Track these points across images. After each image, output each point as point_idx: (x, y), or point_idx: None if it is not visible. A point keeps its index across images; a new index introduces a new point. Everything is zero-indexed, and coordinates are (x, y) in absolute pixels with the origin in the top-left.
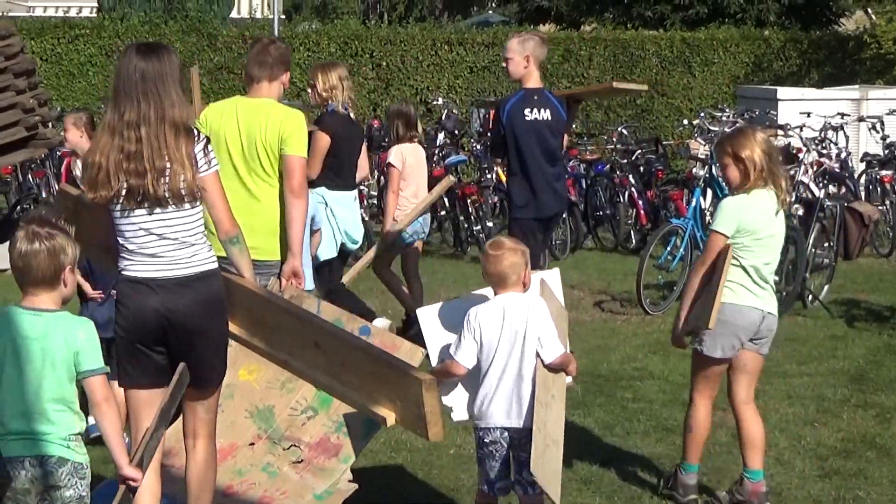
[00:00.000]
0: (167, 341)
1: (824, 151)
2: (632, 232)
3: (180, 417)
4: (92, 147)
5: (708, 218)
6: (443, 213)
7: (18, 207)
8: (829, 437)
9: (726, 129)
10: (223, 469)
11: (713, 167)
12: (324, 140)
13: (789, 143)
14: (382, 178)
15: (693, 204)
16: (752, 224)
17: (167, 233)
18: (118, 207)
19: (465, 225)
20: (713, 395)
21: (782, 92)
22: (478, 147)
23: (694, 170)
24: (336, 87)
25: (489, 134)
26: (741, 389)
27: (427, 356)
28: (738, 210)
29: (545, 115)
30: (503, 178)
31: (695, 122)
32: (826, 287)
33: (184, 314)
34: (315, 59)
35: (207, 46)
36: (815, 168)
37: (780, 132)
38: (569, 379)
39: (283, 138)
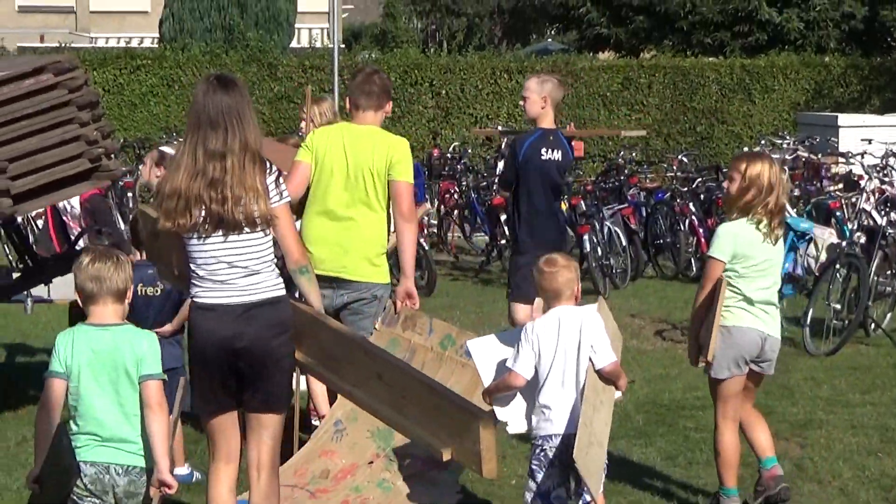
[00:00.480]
0: (237, 366)
1: (886, 178)
2: (692, 260)
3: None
4: (168, 177)
5: None
6: (502, 241)
7: (82, 239)
8: (894, 467)
9: (787, 157)
10: (342, 486)
11: None
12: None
13: (850, 171)
14: (442, 206)
15: None
16: (748, 249)
17: (237, 261)
18: (194, 235)
19: None
20: (736, 416)
21: (843, 118)
22: None
23: None
24: (332, 122)
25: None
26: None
27: None
28: (733, 236)
29: (557, 155)
30: (563, 207)
31: (755, 150)
32: (889, 315)
33: (251, 340)
34: None
35: (268, 76)
36: (876, 195)
37: (842, 159)
38: (618, 393)
39: (391, 164)
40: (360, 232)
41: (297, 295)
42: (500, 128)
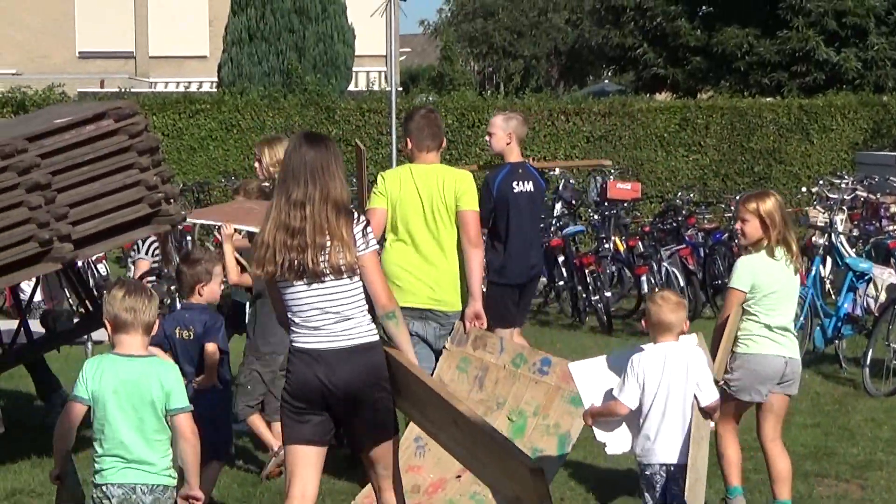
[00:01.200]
0: (329, 407)
1: None
2: None
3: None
4: (262, 227)
5: (828, 286)
6: (561, 283)
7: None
8: None
9: (846, 197)
10: (436, 500)
11: (833, 235)
12: None
13: None
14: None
15: (813, 272)
16: (767, 280)
17: (329, 307)
18: (282, 283)
19: (584, 295)
20: (736, 426)
21: None
22: (595, 217)
23: (813, 238)
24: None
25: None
26: (769, 428)
27: None
28: (752, 268)
29: (529, 186)
30: (621, 248)
31: (813, 190)
32: None
33: (345, 384)
34: None
35: (325, 119)
36: None
37: None
38: (711, 423)
39: (458, 196)
40: (446, 265)
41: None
42: (476, 165)
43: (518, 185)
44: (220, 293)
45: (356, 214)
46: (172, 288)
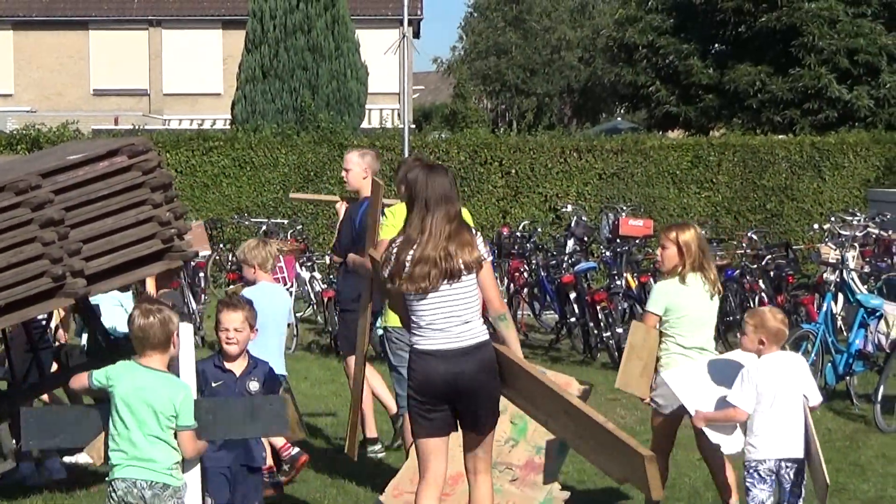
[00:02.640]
0: (451, 399)
1: None
2: None
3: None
4: (402, 247)
5: (840, 323)
6: (573, 319)
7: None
8: None
9: (857, 234)
10: (459, 490)
11: (844, 272)
12: None
13: None
14: (512, 284)
15: (824, 309)
16: (681, 304)
17: (454, 311)
18: (416, 292)
19: (595, 331)
20: (669, 447)
21: None
22: (607, 254)
23: (825, 275)
24: None
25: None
26: (704, 438)
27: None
28: (666, 292)
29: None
30: (633, 285)
31: (825, 227)
32: None
33: (468, 378)
34: None
35: (338, 157)
36: None
37: None
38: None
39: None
40: None
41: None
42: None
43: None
44: None
45: (472, 228)
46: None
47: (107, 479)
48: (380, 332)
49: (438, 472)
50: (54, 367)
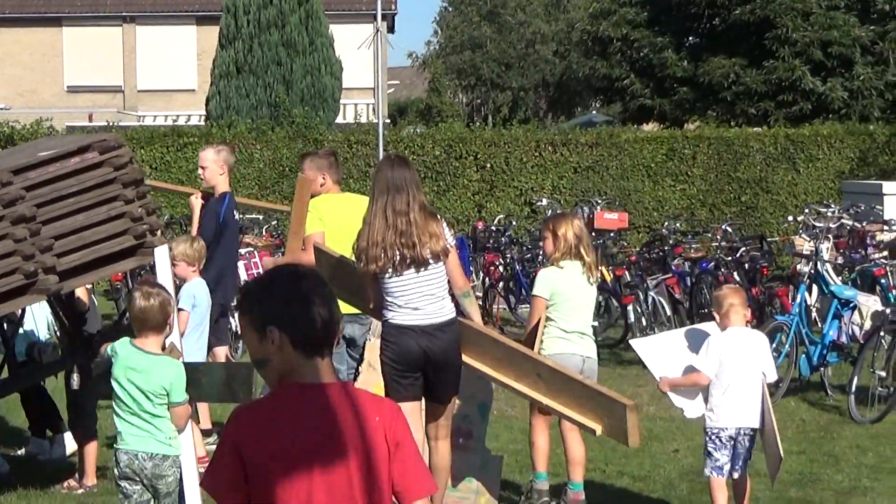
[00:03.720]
0: (424, 368)
1: None
2: None
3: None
4: (366, 233)
5: (814, 314)
6: None
7: (128, 314)
8: None
9: (831, 225)
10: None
11: (818, 263)
12: None
13: (895, 238)
14: (487, 278)
15: (798, 300)
16: (562, 289)
17: (428, 290)
18: (392, 274)
19: None
20: (548, 418)
21: (888, 186)
22: None
23: (799, 266)
24: None
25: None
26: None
27: None
28: (549, 278)
29: (238, 215)
30: (608, 278)
31: (799, 219)
32: None
33: (441, 350)
34: (420, 163)
35: None
36: None
37: (885, 227)
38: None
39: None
40: None
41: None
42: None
43: (236, 213)
44: None
45: (439, 216)
46: None
47: (114, 447)
48: None
49: (417, 434)
50: None
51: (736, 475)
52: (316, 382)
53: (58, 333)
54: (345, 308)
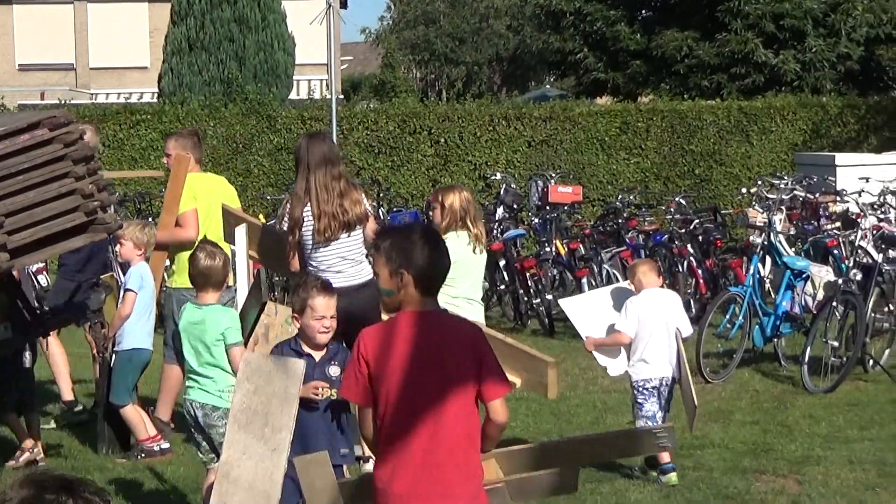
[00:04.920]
0: (346, 330)
1: (882, 216)
2: (691, 301)
3: None
4: (312, 203)
5: (767, 286)
6: (502, 286)
7: (80, 289)
8: (890, 501)
9: (784, 197)
10: None
11: (771, 235)
12: None
13: (847, 209)
14: None
15: (752, 272)
16: (452, 257)
17: (349, 254)
18: (319, 240)
19: (525, 298)
20: None
21: (840, 158)
22: (536, 221)
23: (752, 237)
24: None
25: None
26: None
27: None
28: None
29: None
30: (562, 251)
31: (753, 190)
32: (887, 351)
33: (361, 311)
34: (374, 138)
35: (267, 128)
36: (873, 232)
37: (838, 198)
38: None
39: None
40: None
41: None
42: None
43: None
44: None
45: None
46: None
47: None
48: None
49: None
50: None
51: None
52: (425, 311)
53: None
54: None
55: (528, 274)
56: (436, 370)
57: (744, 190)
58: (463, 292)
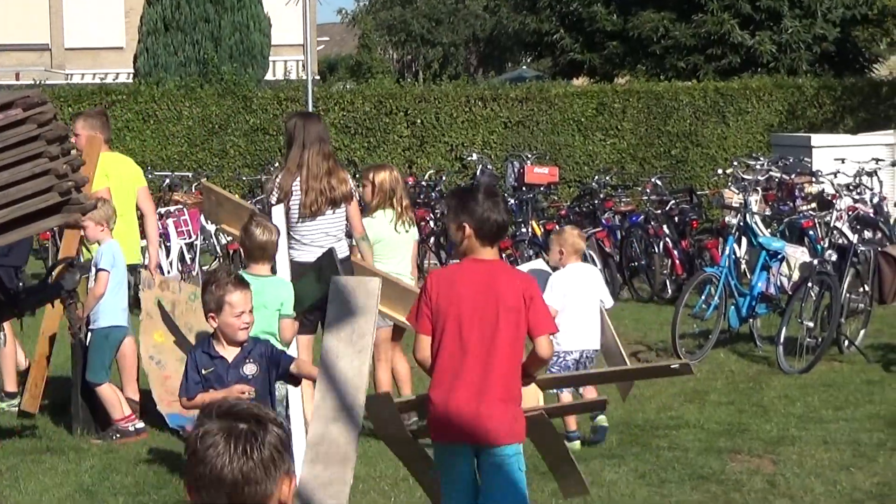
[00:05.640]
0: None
1: (858, 197)
2: (667, 282)
3: None
4: (302, 176)
5: (743, 266)
6: None
7: (54, 272)
8: (865, 481)
9: (760, 178)
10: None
11: (747, 216)
12: None
13: (823, 190)
14: (417, 233)
15: (727, 252)
16: (378, 233)
17: (330, 230)
18: (305, 213)
19: None
20: (388, 358)
21: (816, 139)
22: (513, 201)
23: (728, 218)
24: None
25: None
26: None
27: None
28: (369, 225)
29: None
30: (538, 232)
31: (728, 171)
32: (862, 332)
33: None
34: (350, 119)
35: (243, 109)
36: (849, 213)
37: (813, 179)
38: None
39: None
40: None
41: None
42: None
43: None
44: None
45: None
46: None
47: None
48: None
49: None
50: None
51: (582, 390)
52: (485, 258)
53: None
54: None
55: (503, 255)
56: (491, 308)
57: (720, 171)
58: (391, 267)
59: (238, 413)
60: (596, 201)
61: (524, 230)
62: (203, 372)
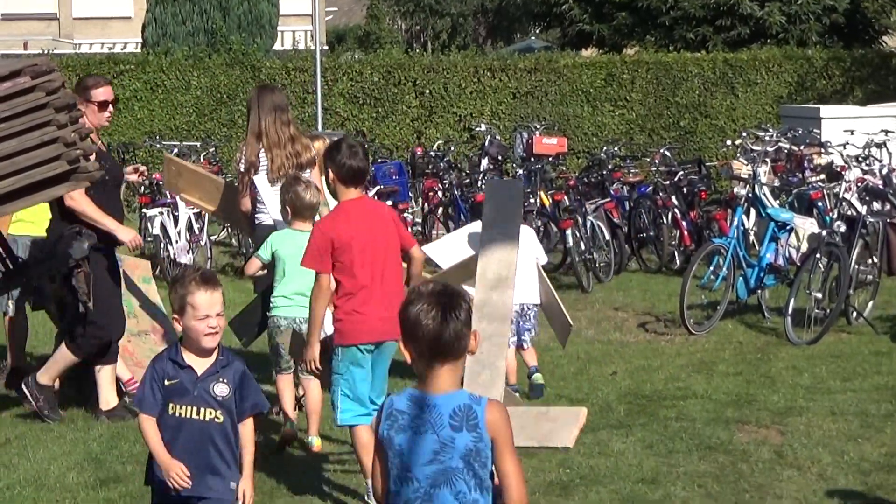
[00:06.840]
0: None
1: (867, 168)
2: (675, 253)
3: None
4: (266, 143)
5: (751, 237)
6: None
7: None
8: (873, 451)
9: (769, 149)
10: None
11: (756, 187)
12: None
13: (832, 161)
14: (426, 204)
15: (736, 223)
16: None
17: None
18: (273, 178)
19: None
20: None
21: (825, 110)
22: (521, 172)
23: (736, 189)
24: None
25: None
26: None
27: None
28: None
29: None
30: (546, 203)
31: (737, 142)
32: (870, 303)
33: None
34: (359, 89)
35: (251, 79)
36: (858, 185)
37: (822, 150)
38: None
39: None
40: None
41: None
42: None
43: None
44: None
45: None
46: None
47: (268, 314)
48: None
49: None
50: None
51: (525, 346)
52: (354, 198)
53: None
54: None
55: None
56: (378, 233)
57: (728, 142)
58: None
59: (442, 291)
60: (604, 172)
61: (532, 201)
62: (166, 383)
